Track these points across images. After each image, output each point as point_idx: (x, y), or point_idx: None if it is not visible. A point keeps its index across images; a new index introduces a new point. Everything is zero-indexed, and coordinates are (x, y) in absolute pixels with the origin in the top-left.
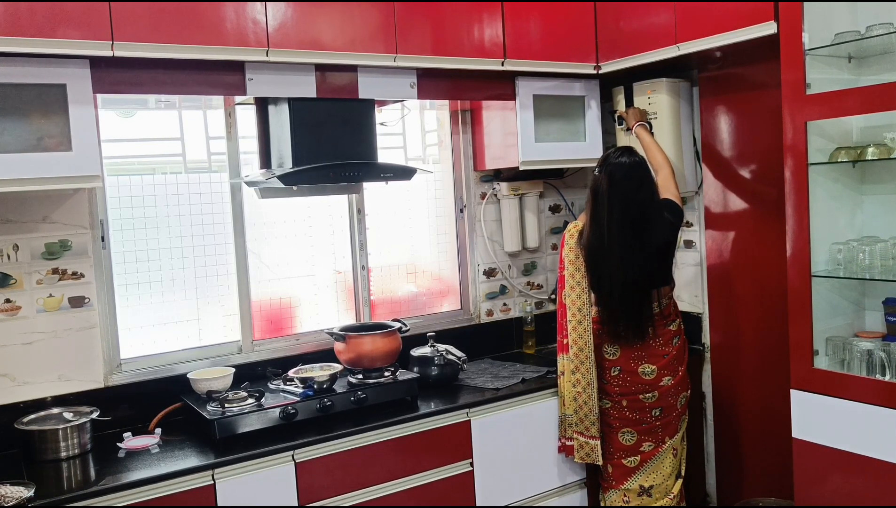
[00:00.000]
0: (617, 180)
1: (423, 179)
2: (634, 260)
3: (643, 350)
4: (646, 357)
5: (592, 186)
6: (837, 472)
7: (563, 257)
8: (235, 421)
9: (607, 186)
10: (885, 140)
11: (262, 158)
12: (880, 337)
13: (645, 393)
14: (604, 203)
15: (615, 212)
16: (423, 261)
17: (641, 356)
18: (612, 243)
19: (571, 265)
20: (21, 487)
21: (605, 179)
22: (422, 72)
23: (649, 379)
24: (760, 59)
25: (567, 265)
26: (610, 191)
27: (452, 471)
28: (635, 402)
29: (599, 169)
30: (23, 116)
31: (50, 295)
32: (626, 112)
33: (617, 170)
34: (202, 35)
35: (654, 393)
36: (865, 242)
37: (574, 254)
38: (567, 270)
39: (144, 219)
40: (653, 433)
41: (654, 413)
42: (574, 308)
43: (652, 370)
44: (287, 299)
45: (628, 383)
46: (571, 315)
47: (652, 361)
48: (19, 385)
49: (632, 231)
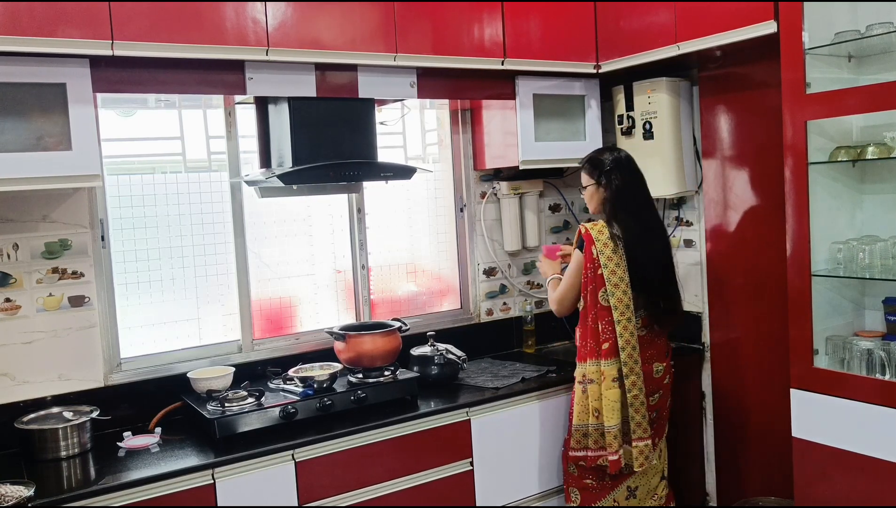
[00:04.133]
0: (633, 169)
1: (423, 178)
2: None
3: (653, 349)
4: (656, 356)
5: (606, 185)
6: (837, 471)
7: (593, 257)
8: (235, 421)
9: (623, 176)
10: (885, 139)
11: (262, 157)
12: (880, 336)
13: (654, 394)
14: (626, 196)
15: (634, 201)
16: (423, 260)
17: (653, 354)
18: (650, 227)
19: (611, 262)
20: (21, 486)
21: (617, 172)
22: (422, 71)
23: (658, 377)
24: (760, 59)
25: (605, 263)
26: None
27: (452, 470)
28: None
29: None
30: (23, 115)
31: (50, 294)
32: (539, 263)
33: (625, 161)
34: (202, 34)
35: (659, 393)
36: (865, 241)
37: (610, 249)
38: (605, 267)
39: (144, 218)
40: None
41: (652, 416)
42: (622, 306)
43: (660, 369)
44: (287, 299)
45: (644, 384)
46: (620, 314)
47: (660, 359)
48: (19, 385)
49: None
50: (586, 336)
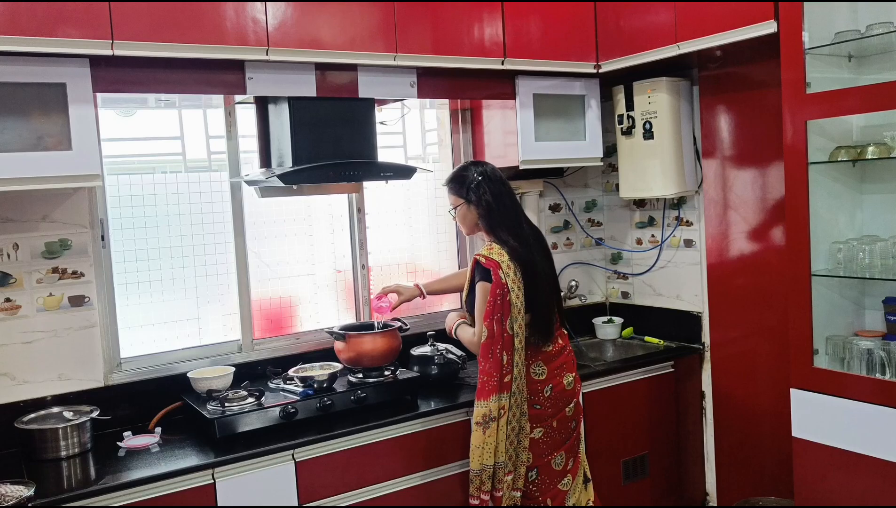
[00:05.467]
0: (499, 180)
1: (423, 177)
2: (544, 252)
3: (560, 359)
4: (565, 367)
5: (483, 199)
6: (837, 471)
7: (502, 283)
8: (235, 420)
9: (501, 185)
10: (885, 139)
11: (262, 157)
12: (880, 336)
13: (568, 405)
14: (504, 205)
15: (518, 207)
16: (423, 260)
17: (561, 366)
18: (530, 240)
19: (515, 285)
20: (21, 486)
21: (491, 185)
22: (422, 71)
23: (570, 389)
24: (760, 59)
25: (511, 287)
26: (502, 190)
27: (452, 470)
28: (562, 420)
29: (475, 182)
30: (23, 115)
31: (50, 294)
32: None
33: (492, 172)
34: (202, 34)
35: (574, 403)
36: (865, 241)
37: (513, 271)
38: (512, 291)
39: (144, 218)
40: (572, 448)
41: (571, 426)
42: (522, 333)
43: (571, 380)
44: (287, 298)
45: (557, 399)
46: (519, 342)
47: (569, 369)
48: (19, 384)
49: (528, 225)
50: (491, 371)
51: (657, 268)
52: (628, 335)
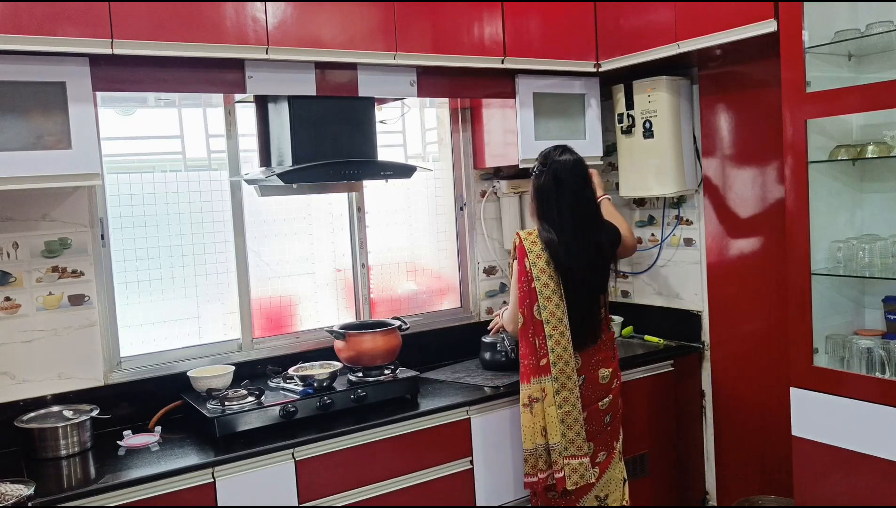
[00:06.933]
0: (563, 179)
1: (423, 176)
2: (587, 260)
3: (598, 354)
4: (601, 362)
5: (537, 188)
6: (837, 470)
7: (526, 269)
8: (235, 419)
9: (554, 185)
10: (885, 138)
11: (262, 155)
12: (880, 335)
13: (602, 399)
14: (553, 204)
15: (565, 211)
16: (423, 259)
17: (598, 360)
18: (571, 244)
19: (543, 274)
20: (21, 485)
21: (550, 179)
22: (422, 70)
23: (605, 384)
24: (760, 58)
25: (537, 275)
26: (558, 190)
27: (452, 469)
28: (594, 412)
29: (541, 169)
30: (22, 113)
31: (50, 293)
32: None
33: (561, 168)
34: (202, 33)
35: (609, 398)
36: (865, 240)
37: (544, 261)
38: (538, 279)
39: (144, 217)
40: (606, 442)
41: (605, 420)
42: (554, 320)
43: (606, 374)
44: (287, 297)
45: (590, 391)
46: (552, 329)
47: (606, 364)
48: (19, 383)
49: (581, 231)
50: (528, 354)
51: (657, 267)
52: (628, 334)
